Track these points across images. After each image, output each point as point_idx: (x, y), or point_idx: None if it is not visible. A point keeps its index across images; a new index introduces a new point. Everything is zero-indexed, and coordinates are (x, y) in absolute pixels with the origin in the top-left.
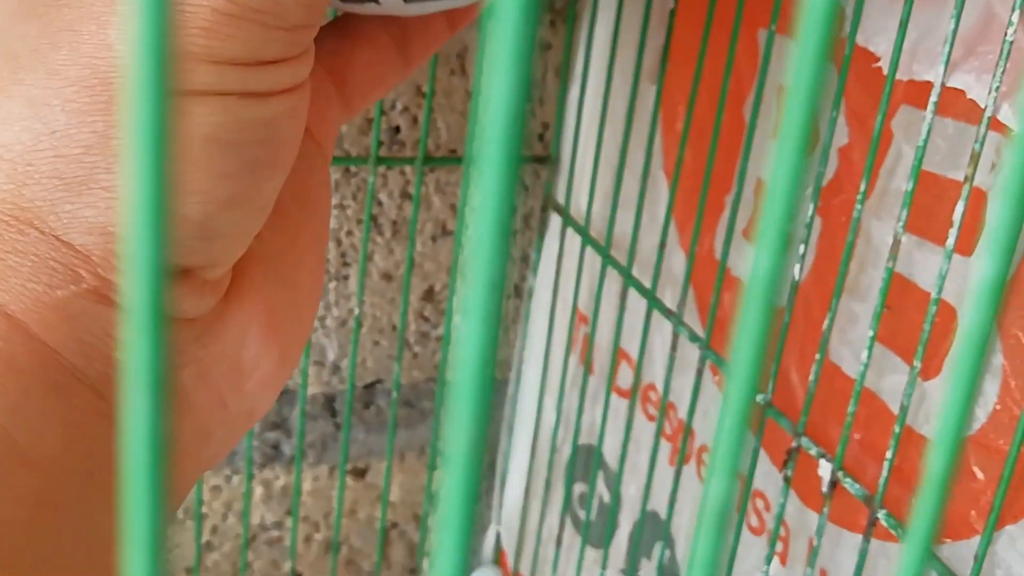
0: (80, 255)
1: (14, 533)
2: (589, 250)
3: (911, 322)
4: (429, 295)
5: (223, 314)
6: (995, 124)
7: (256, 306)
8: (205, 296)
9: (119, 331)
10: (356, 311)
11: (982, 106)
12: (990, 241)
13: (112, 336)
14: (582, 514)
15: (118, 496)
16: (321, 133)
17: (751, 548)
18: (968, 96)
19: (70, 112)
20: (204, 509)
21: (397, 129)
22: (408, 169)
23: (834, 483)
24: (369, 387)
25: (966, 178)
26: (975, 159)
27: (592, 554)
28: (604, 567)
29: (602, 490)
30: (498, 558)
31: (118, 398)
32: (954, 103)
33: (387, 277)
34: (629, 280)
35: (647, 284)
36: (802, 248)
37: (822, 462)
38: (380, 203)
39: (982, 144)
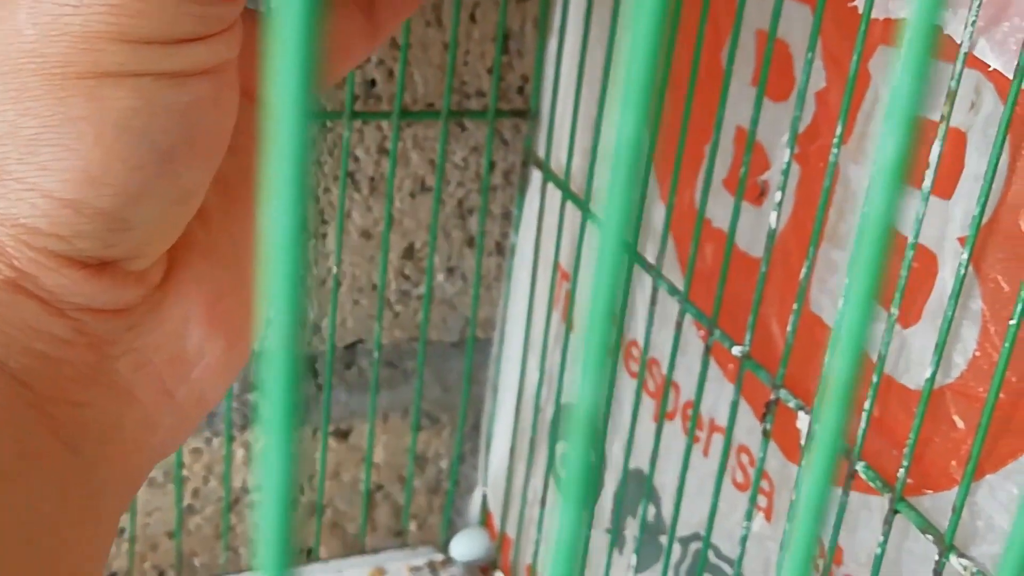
0: None
1: None
2: (570, 205)
3: (889, 268)
4: (409, 253)
5: (160, 303)
6: (971, 61)
7: (197, 293)
8: (130, 288)
9: (39, 322)
10: (335, 270)
11: (958, 42)
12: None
13: (32, 327)
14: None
15: (60, 483)
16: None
17: (736, 503)
18: (944, 32)
19: None
20: (185, 472)
21: (372, 83)
22: (385, 124)
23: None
24: (350, 347)
25: (942, 117)
26: (951, 97)
27: None
28: (589, 527)
29: None
30: (484, 520)
31: (44, 388)
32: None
33: (366, 235)
34: None
35: (628, 238)
36: (779, 196)
37: (800, 414)
38: (357, 159)
39: (958, 82)
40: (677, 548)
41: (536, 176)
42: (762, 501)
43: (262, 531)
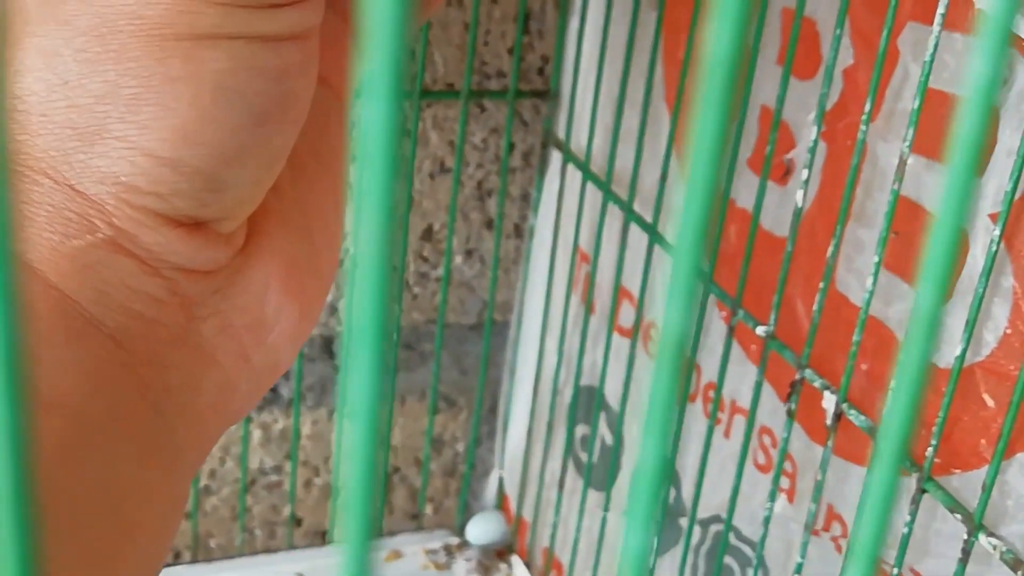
0: (95, 205)
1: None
2: (590, 186)
3: (919, 247)
4: (428, 234)
5: (243, 268)
6: None
7: (275, 260)
8: (220, 249)
9: (136, 281)
10: (352, 251)
11: None
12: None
13: (129, 286)
14: (584, 456)
15: (144, 445)
16: (337, 79)
17: (757, 485)
18: (978, 6)
19: (81, 62)
20: None
21: None
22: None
23: (839, 415)
24: None
25: None
26: None
27: (594, 497)
28: (607, 510)
29: (604, 431)
30: (501, 503)
31: (137, 349)
32: (963, 15)
33: None
34: (630, 215)
35: (649, 219)
36: (806, 174)
37: (826, 394)
38: None
39: None
40: (697, 530)
41: (556, 157)
42: (784, 483)
43: (347, 506)
